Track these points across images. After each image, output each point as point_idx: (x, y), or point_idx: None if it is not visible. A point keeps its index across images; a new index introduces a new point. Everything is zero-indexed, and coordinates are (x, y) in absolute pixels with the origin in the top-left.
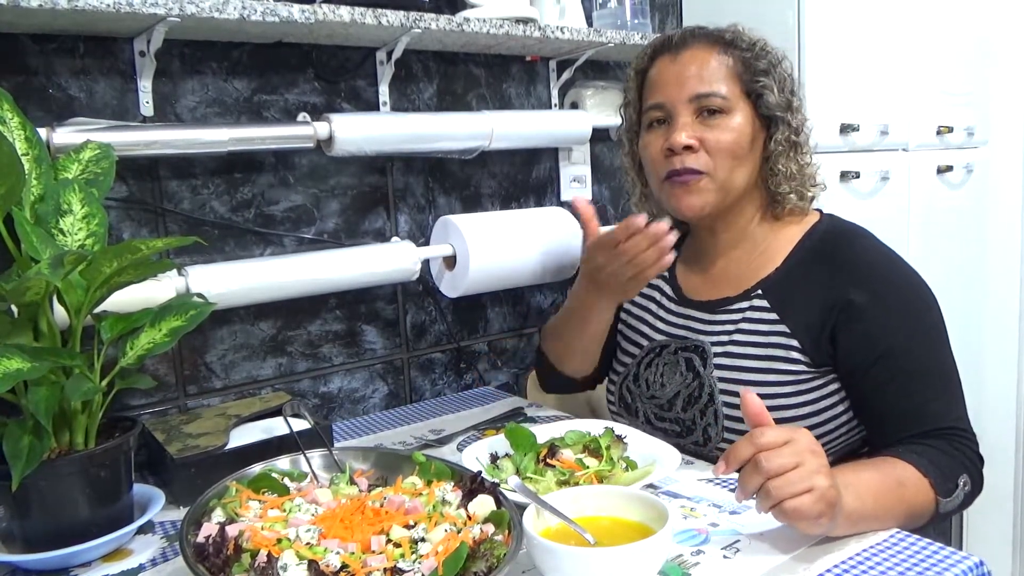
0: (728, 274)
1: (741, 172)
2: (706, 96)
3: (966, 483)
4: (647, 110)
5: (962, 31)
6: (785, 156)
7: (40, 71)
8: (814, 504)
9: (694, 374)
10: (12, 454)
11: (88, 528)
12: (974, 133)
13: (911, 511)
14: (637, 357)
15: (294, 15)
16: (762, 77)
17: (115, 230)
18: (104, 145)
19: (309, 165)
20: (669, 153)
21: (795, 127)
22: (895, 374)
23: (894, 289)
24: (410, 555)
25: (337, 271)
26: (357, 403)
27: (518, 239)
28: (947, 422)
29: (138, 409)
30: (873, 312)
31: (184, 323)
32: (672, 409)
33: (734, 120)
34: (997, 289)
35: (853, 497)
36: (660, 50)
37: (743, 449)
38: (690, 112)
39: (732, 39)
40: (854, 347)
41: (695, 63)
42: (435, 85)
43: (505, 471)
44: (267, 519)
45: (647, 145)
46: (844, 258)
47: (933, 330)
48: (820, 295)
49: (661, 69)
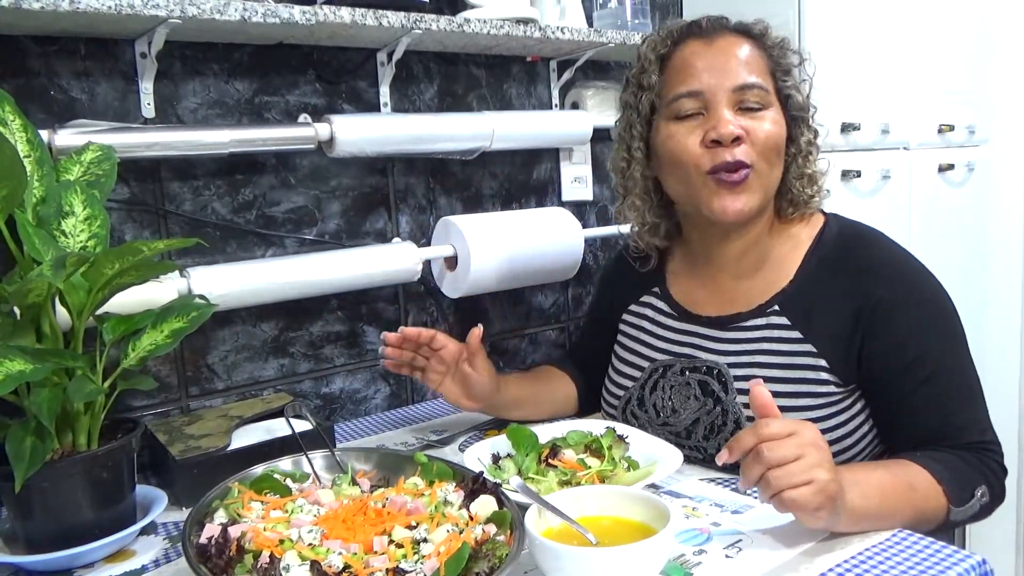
0: (738, 287)
1: (776, 171)
2: (750, 87)
3: (983, 494)
4: (676, 98)
5: (962, 29)
6: (806, 158)
7: (42, 73)
8: (813, 496)
9: (714, 400)
10: (15, 455)
11: (91, 529)
12: (975, 131)
13: (920, 515)
14: (639, 380)
15: (295, 16)
16: (788, 77)
17: (117, 232)
18: (106, 147)
19: (310, 166)
20: (714, 144)
21: (815, 130)
22: (923, 382)
23: (919, 293)
24: (412, 556)
25: (338, 272)
26: (359, 404)
27: (519, 239)
28: (972, 435)
29: (140, 410)
30: (902, 316)
31: (186, 324)
32: (692, 437)
33: (772, 114)
34: (999, 287)
35: (858, 495)
36: (686, 34)
37: (747, 439)
38: (731, 103)
39: (762, 33)
40: (883, 353)
41: (733, 51)
42: (436, 86)
43: (507, 471)
44: (269, 520)
45: (674, 137)
46: (864, 261)
47: (958, 337)
48: (844, 303)
49: (693, 53)
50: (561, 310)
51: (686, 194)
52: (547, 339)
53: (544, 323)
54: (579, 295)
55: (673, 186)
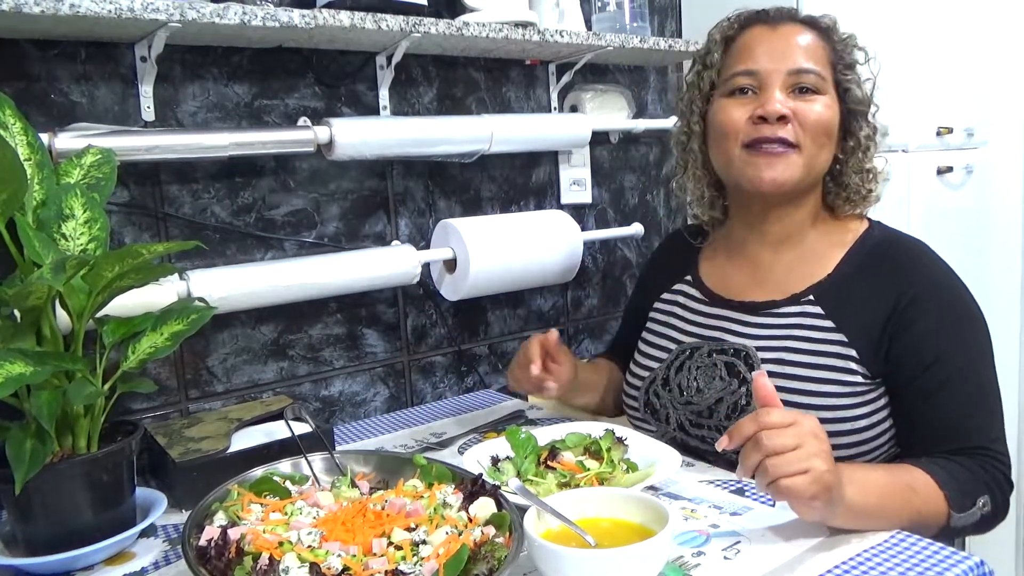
0: (774, 275)
1: (825, 155)
2: (805, 72)
3: (985, 504)
4: (733, 75)
5: (961, 31)
6: (862, 153)
7: (42, 77)
8: (809, 485)
9: (739, 380)
10: (15, 458)
11: (90, 532)
12: (974, 134)
13: (918, 519)
14: (665, 361)
15: (294, 20)
16: (849, 72)
17: (117, 235)
18: (105, 150)
19: (309, 169)
20: (760, 121)
21: (874, 126)
22: (942, 384)
23: (948, 296)
24: (411, 557)
25: (338, 275)
26: (358, 406)
27: (518, 242)
28: (982, 441)
29: (140, 413)
30: (930, 315)
31: (185, 327)
32: (713, 416)
33: (826, 99)
34: (998, 289)
35: (856, 491)
36: (753, 20)
37: (747, 426)
38: (784, 85)
39: (828, 27)
40: (906, 352)
41: (794, 38)
42: (435, 89)
43: (506, 473)
44: (269, 522)
45: (725, 110)
46: (901, 262)
47: (983, 345)
48: (879, 300)
49: (755, 36)
50: (560, 313)
51: (726, 167)
52: None
53: (543, 326)
54: (578, 297)
55: (716, 158)
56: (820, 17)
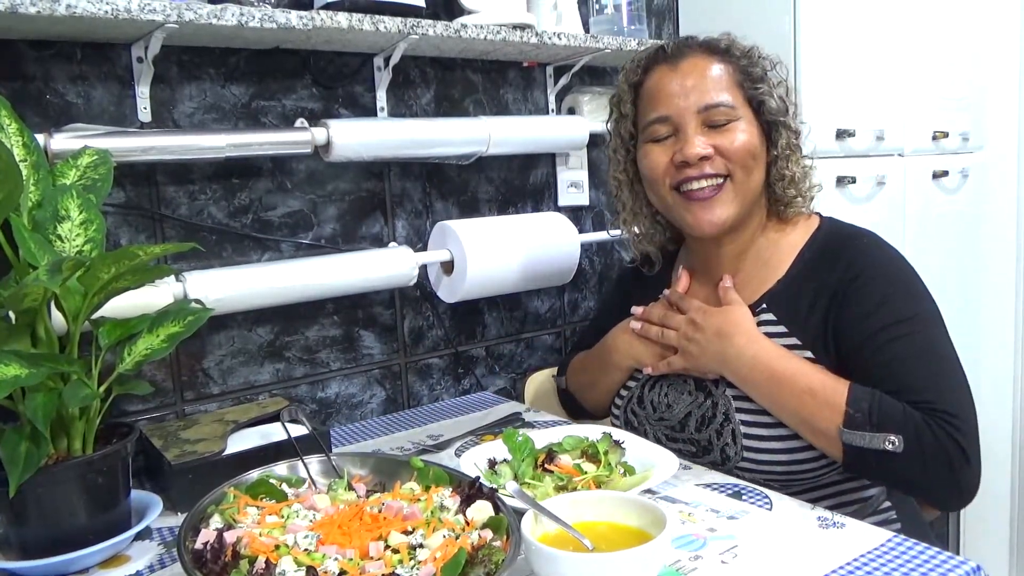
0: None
1: (756, 175)
2: (715, 107)
3: (896, 442)
4: (650, 124)
5: (956, 36)
6: (789, 160)
7: (38, 77)
8: (677, 360)
9: (705, 394)
10: (9, 460)
11: (85, 535)
12: (969, 138)
13: (810, 421)
14: (640, 379)
15: (292, 21)
16: (760, 84)
17: (113, 236)
18: (102, 151)
19: (307, 171)
20: (683, 166)
21: (795, 130)
22: (886, 344)
23: (889, 271)
24: (408, 561)
25: (335, 276)
26: (355, 408)
27: (515, 244)
28: (928, 396)
29: (136, 415)
30: (871, 289)
31: (182, 329)
32: (685, 430)
33: (742, 125)
34: (993, 293)
35: (747, 364)
36: (654, 61)
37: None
38: (699, 123)
39: (727, 47)
40: (850, 323)
41: (696, 72)
42: (432, 91)
43: (503, 476)
44: (265, 525)
45: (648, 156)
46: (842, 255)
47: (929, 314)
48: (822, 292)
49: (660, 80)
50: (557, 315)
51: (664, 210)
52: (543, 344)
53: (540, 328)
54: (575, 300)
55: (653, 201)
56: (717, 40)
